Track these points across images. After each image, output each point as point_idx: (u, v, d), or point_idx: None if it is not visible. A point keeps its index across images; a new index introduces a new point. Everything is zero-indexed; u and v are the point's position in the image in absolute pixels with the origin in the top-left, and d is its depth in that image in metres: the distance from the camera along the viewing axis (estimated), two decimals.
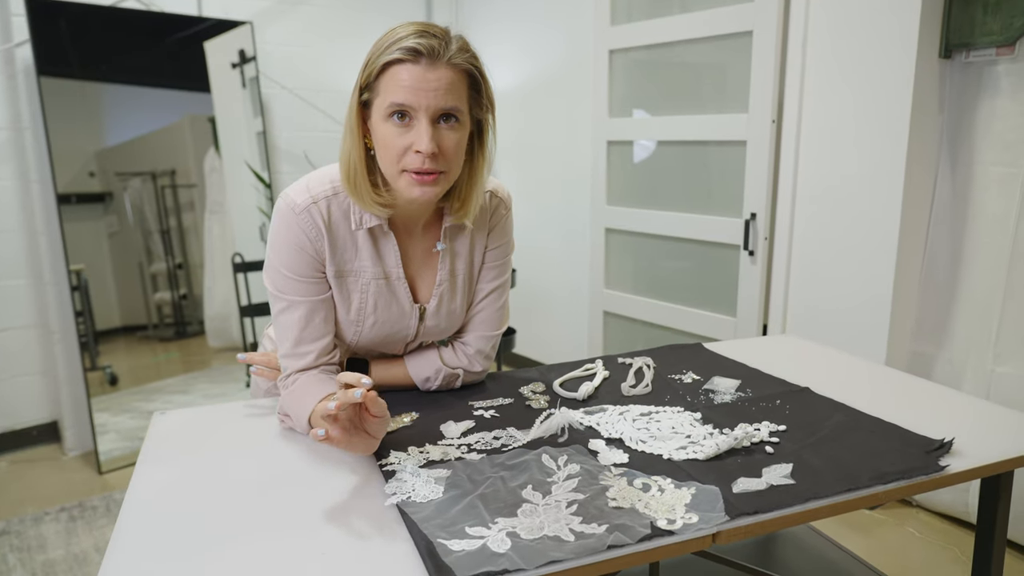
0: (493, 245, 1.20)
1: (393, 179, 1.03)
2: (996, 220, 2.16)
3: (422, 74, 0.97)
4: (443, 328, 1.19)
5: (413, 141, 0.98)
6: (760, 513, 0.81)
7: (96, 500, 2.52)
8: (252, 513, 0.85)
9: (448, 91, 0.98)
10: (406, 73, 0.97)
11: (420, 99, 0.97)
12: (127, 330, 3.05)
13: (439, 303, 1.16)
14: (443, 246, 1.14)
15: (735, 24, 2.52)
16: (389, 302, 1.13)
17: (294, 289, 1.07)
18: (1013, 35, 2.04)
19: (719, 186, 2.69)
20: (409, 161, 0.99)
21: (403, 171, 1.00)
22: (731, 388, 1.21)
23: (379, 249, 1.10)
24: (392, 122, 0.99)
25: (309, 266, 1.07)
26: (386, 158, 1.01)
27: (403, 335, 1.17)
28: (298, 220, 1.05)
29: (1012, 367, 2.13)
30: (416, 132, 0.98)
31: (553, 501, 0.84)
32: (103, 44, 2.84)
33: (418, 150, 0.97)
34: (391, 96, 0.98)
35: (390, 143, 0.99)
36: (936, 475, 0.91)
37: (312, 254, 1.06)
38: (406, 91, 0.97)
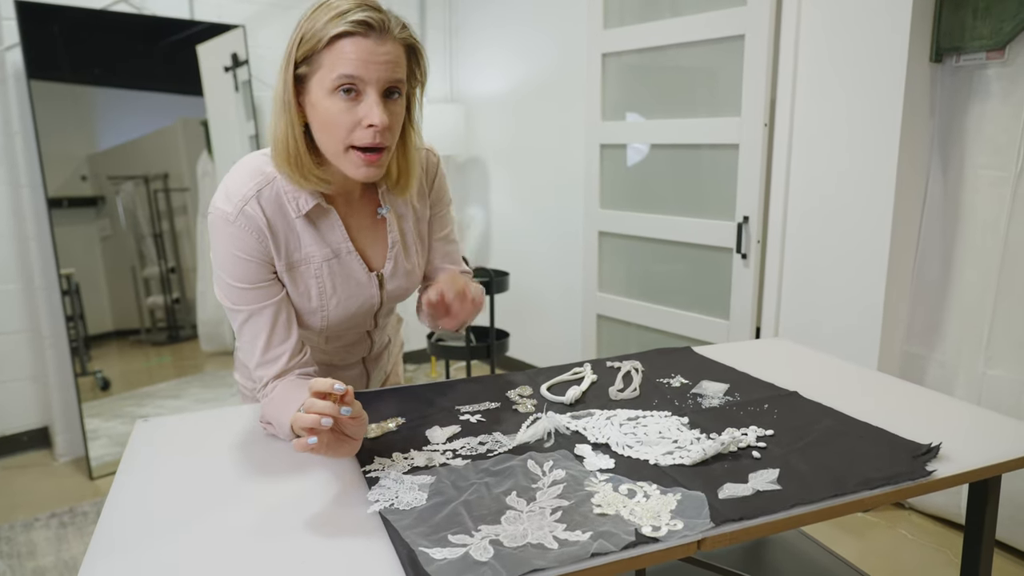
0: (437, 206, 1.21)
1: (336, 157, 1.00)
2: (987, 223, 2.16)
3: (372, 47, 0.95)
4: (404, 287, 1.19)
5: (363, 116, 0.96)
6: (746, 519, 0.81)
7: (87, 506, 2.51)
8: (234, 521, 0.84)
9: (396, 64, 0.97)
10: (355, 46, 0.94)
11: (371, 72, 0.95)
12: (119, 334, 3.03)
13: (395, 265, 1.15)
14: (386, 209, 1.14)
15: (727, 28, 2.52)
16: (346, 279, 1.11)
17: (250, 298, 1.05)
18: (1003, 40, 2.04)
19: (712, 189, 2.69)
20: (358, 137, 0.97)
21: (349, 148, 0.98)
22: (719, 392, 1.21)
23: (321, 231, 1.08)
24: (338, 96, 0.96)
25: (258, 272, 1.04)
26: (331, 135, 0.98)
27: (368, 306, 1.16)
28: (234, 229, 1.02)
29: (1004, 370, 2.13)
30: (366, 106, 0.96)
31: (537, 508, 0.83)
32: (95, 48, 2.83)
33: (371, 123, 0.96)
34: (340, 68, 0.95)
35: (336, 119, 0.97)
36: (923, 480, 0.90)
37: (258, 258, 1.04)
38: (356, 64, 0.94)
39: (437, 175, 1.21)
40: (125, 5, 2.89)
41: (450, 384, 1.29)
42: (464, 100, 3.79)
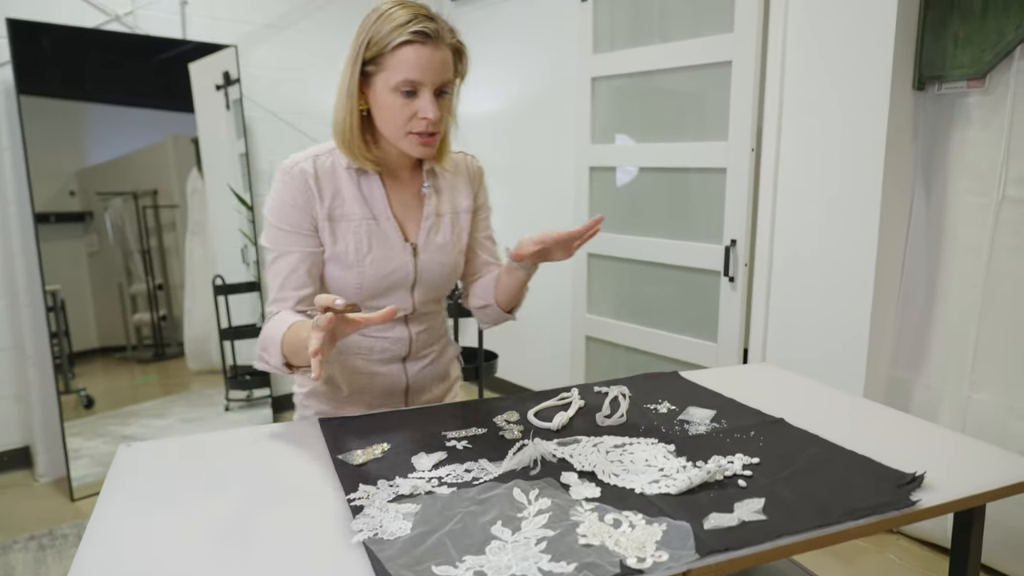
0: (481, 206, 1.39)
1: (397, 140, 1.19)
2: (970, 248, 2.19)
3: (430, 54, 1.13)
4: (439, 262, 1.30)
5: (418, 110, 1.15)
6: (731, 550, 0.80)
7: (67, 528, 2.47)
8: (216, 549, 0.83)
9: (446, 68, 1.16)
10: (416, 53, 1.12)
11: (427, 76, 1.13)
12: (104, 351, 3.00)
13: (427, 237, 1.28)
14: (428, 186, 1.29)
15: (714, 54, 2.55)
16: (382, 241, 1.24)
17: (284, 240, 1.20)
18: (983, 68, 2.08)
19: (700, 213, 2.71)
20: (414, 125, 1.16)
21: (408, 133, 1.17)
22: (706, 419, 1.21)
23: (364, 193, 1.24)
24: (399, 94, 1.14)
25: (297, 218, 1.20)
26: (392, 123, 1.17)
27: (403, 274, 1.26)
28: (288, 177, 1.20)
29: (988, 394, 2.15)
30: (421, 103, 1.14)
31: (522, 538, 0.83)
32: (86, 64, 2.83)
33: (425, 117, 1.14)
34: (403, 74, 1.12)
35: (398, 112, 1.15)
36: (907, 510, 0.90)
37: (301, 206, 1.20)
38: (417, 69, 1.12)
39: (482, 180, 1.40)
40: (118, 24, 2.90)
41: (437, 409, 1.29)
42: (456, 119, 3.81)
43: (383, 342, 1.31)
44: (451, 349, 1.45)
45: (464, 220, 1.34)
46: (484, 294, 1.38)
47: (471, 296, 1.42)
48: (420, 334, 1.34)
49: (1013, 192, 2.08)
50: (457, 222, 1.33)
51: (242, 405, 3.34)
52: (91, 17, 2.83)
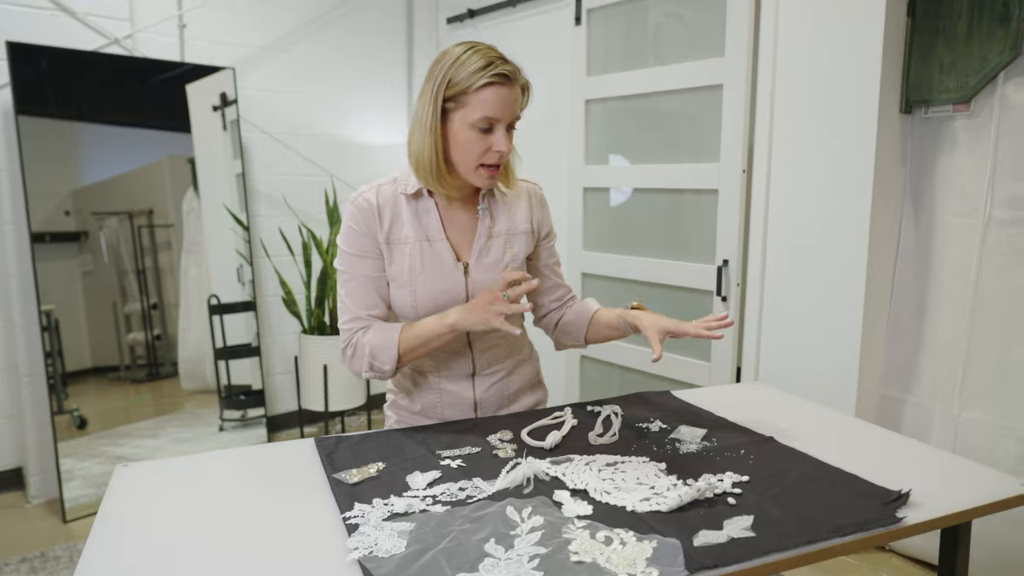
0: (548, 237, 1.48)
1: (468, 172, 1.28)
2: (958, 269, 2.22)
3: (507, 94, 1.24)
4: (488, 281, 1.35)
5: (492, 144, 1.25)
6: (719, 567, 0.82)
7: (59, 550, 2.45)
8: (213, 568, 0.84)
9: (517, 105, 1.27)
10: (496, 94, 1.22)
11: (504, 113, 1.24)
12: (98, 371, 3.00)
13: (479, 256, 1.35)
14: (483, 207, 1.37)
15: (706, 78, 2.60)
16: (435, 260, 1.33)
17: (354, 264, 1.32)
18: (968, 93, 2.13)
19: (692, 233, 2.75)
20: (488, 158, 1.26)
21: (480, 166, 1.26)
22: (697, 437, 1.22)
23: (420, 218, 1.33)
24: (476, 130, 1.24)
25: (362, 242, 1.31)
26: (466, 156, 1.26)
27: (456, 291, 1.33)
28: (354, 207, 1.32)
29: (978, 412, 2.17)
30: (496, 137, 1.25)
31: (515, 555, 0.84)
32: (82, 84, 2.85)
33: (499, 150, 1.25)
34: (484, 111, 1.22)
35: (473, 146, 1.25)
36: (893, 527, 0.92)
37: (365, 231, 1.31)
38: (496, 108, 1.23)
39: (546, 207, 1.48)
40: (117, 47, 2.93)
41: (432, 428, 1.30)
42: None
43: (448, 359, 1.38)
44: (526, 367, 1.50)
45: (522, 241, 1.41)
46: (576, 332, 1.49)
47: (558, 325, 1.52)
48: (484, 352, 1.39)
49: (999, 214, 2.12)
50: (513, 243, 1.39)
51: (236, 425, 3.33)
52: (91, 40, 2.87)
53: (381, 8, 3.71)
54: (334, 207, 3.41)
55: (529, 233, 1.42)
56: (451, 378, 1.38)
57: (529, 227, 1.42)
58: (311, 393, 3.37)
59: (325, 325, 3.37)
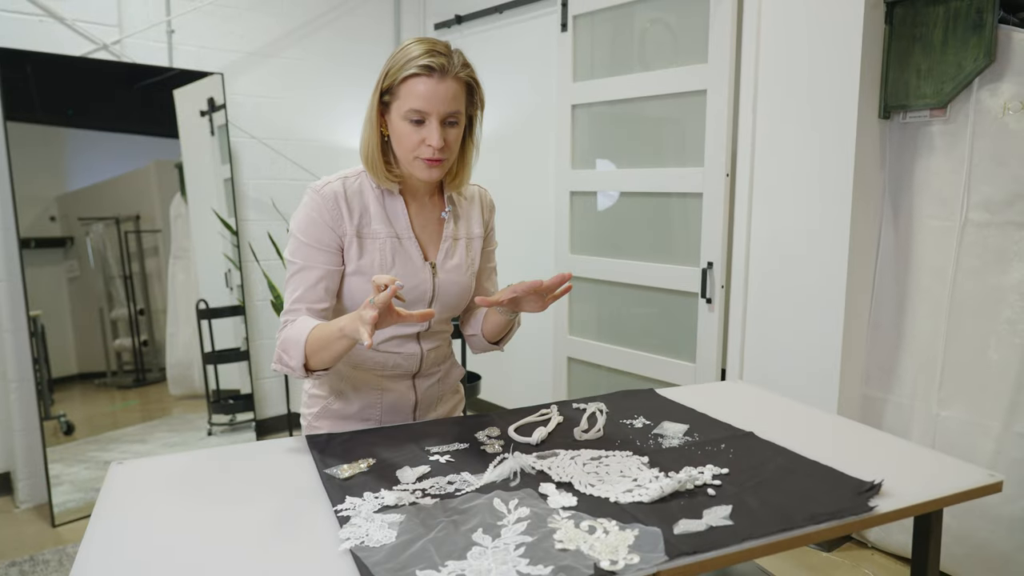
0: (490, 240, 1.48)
1: (407, 164, 1.28)
2: (935, 271, 2.27)
3: (434, 86, 1.22)
4: (455, 281, 1.37)
5: (425, 137, 1.24)
6: (699, 553, 0.85)
7: (48, 554, 2.45)
8: (208, 562, 0.86)
9: (453, 99, 1.24)
10: (422, 86, 1.22)
11: (432, 106, 1.22)
12: (84, 377, 2.99)
13: (445, 256, 1.37)
14: (448, 211, 1.39)
15: (690, 83, 2.65)
16: (404, 258, 1.33)
17: (307, 255, 1.28)
18: (944, 99, 2.19)
19: (678, 236, 2.79)
20: (422, 151, 1.25)
21: (416, 158, 1.26)
22: (679, 433, 1.26)
23: (389, 213, 1.33)
24: (408, 122, 1.24)
25: (322, 234, 1.27)
26: (402, 148, 1.27)
27: (423, 289, 1.34)
28: (317, 196, 1.28)
29: (955, 411, 2.22)
30: (428, 130, 1.23)
31: (502, 544, 0.87)
32: (68, 89, 2.85)
33: (430, 144, 1.23)
34: (409, 103, 1.22)
35: (406, 139, 1.25)
36: (865, 515, 0.96)
37: (328, 223, 1.27)
38: (421, 100, 1.22)
39: (493, 212, 1.50)
40: (105, 52, 2.94)
41: (421, 425, 1.33)
42: None
43: (396, 358, 1.36)
44: (456, 369, 1.51)
45: (476, 246, 1.43)
46: (475, 324, 1.45)
47: (465, 323, 1.50)
48: (431, 351, 1.40)
49: (975, 216, 2.17)
50: (471, 247, 1.42)
51: (225, 429, 3.34)
52: (79, 46, 2.88)
53: (369, 14, 3.74)
54: None
55: (481, 238, 1.44)
56: (395, 377, 1.38)
57: (482, 232, 1.45)
58: (300, 397, 3.37)
59: None
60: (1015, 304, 2.09)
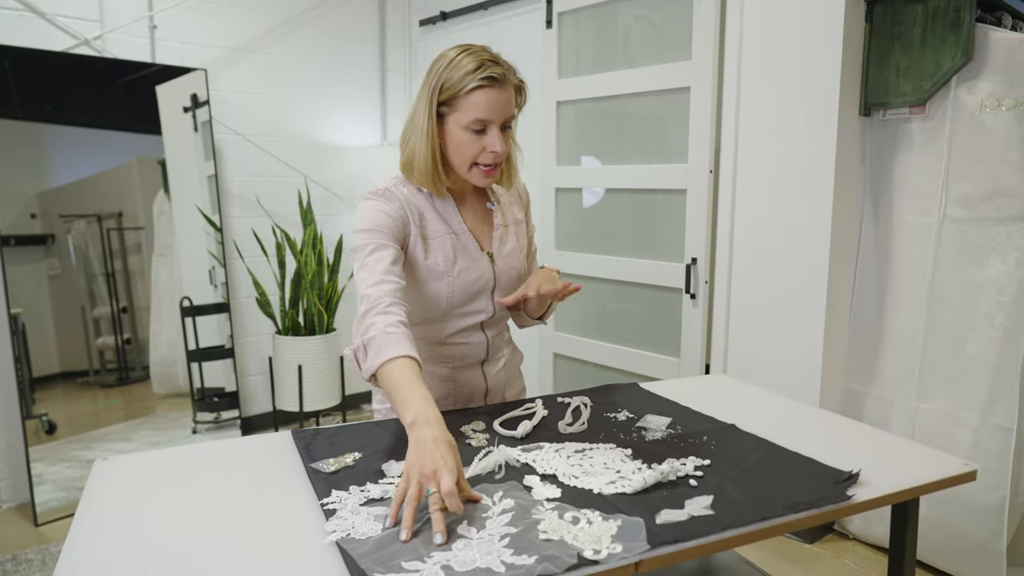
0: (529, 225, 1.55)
1: (464, 171, 1.32)
2: (915, 266, 2.30)
3: (497, 96, 1.27)
4: (512, 267, 1.43)
5: (486, 145, 1.28)
6: (680, 542, 0.86)
7: (31, 553, 2.43)
8: (195, 558, 0.87)
9: (510, 105, 1.30)
10: (486, 97, 1.26)
11: (496, 115, 1.27)
12: (66, 376, 2.96)
13: (500, 245, 1.43)
14: (494, 202, 1.45)
15: (674, 80, 2.66)
16: (464, 252, 1.38)
17: (378, 239, 1.28)
18: (923, 96, 2.22)
19: (662, 232, 2.81)
20: (484, 158, 1.30)
21: (475, 165, 1.31)
22: (662, 425, 1.27)
23: (442, 213, 1.38)
24: (470, 131, 1.28)
25: (392, 227, 1.30)
26: (461, 157, 1.31)
27: (486, 279, 1.39)
28: (383, 197, 1.32)
29: (934, 403, 2.26)
30: (489, 138, 1.28)
31: (487, 535, 0.88)
32: (47, 85, 2.81)
33: (494, 151, 1.28)
34: (475, 114, 1.26)
35: (467, 147, 1.29)
36: (843, 504, 0.98)
37: (396, 218, 1.31)
38: (487, 110, 1.26)
39: (528, 198, 1.58)
40: (86, 48, 2.92)
41: None
42: None
43: (464, 348, 1.42)
44: (517, 353, 1.59)
45: (521, 230, 1.51)
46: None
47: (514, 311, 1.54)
48: (495, 338, 1.46)
49: (953, 212, 2.20)
50: (519, 231, 1.49)
51: (210, 427, 3.32)
52: (60, 41, 2.85)
53: (353, 11, 3.73)
54: (308, 208, 3.42)
55: (523, 222, 1.52)
56: (464, 367, 1.43)
57: (523, 216, 1.52)
58: (286, 394, 3.37)
59: (299, 326, 3.38)
60: (992, 298, 2.13)
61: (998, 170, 2.10)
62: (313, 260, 3.33)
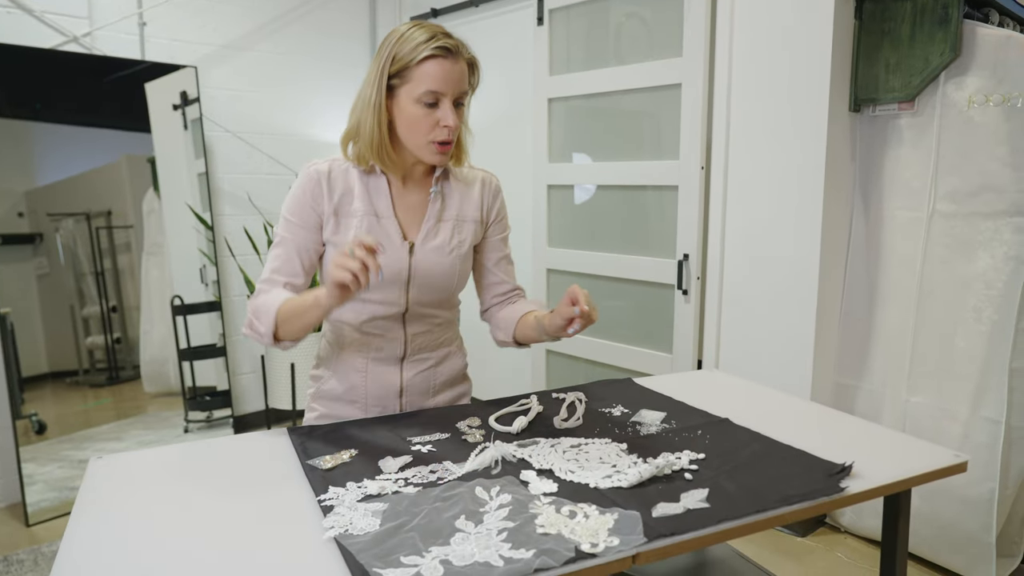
0: (495, 223, 1.47)
1: (418, 148, 1.28)
2: (904, 261, 2.32)
3: (450, 67, 1.24)
4: (433, 262, 1.35)
5: (439, 119, 1.25)
6: (676, 535, 0.87)
7: (23, 554, 2.42)
8: (193, 555, 0.87)
9: (463, 79, 1.27)
10: (439, 67, 1.23)
11: (449, 87, 1.24)
12: (55, 376, 2.94)
13: (425, 237, 1.35)
14: (435, 190, 1.37)
15: (665, 77, 2.67)
16: (380, 236, 1.32)
17: (287, 229, 1.31)
18: (912, 92, 2.24)
19: (654, 228, 2.82)
20: (437, 134, 1.26)
21: (430, 142, 1.26)
22: (656, 420, 1.28)
23: (371, 192, 1.33)
24: (422, 105, 1.24)
25: (305, 213, 1.31)
26: (414, 132, 1.27)
27: (397, 268, 1.33)
28: (304, 176, 1.32)
29: (924, 397, 2.28)
30: (442, 111, 1.25)
31: (485, 529, 0.88)
32: (35, 82, 2.79)
33: (446, 125, 1.25)
34: (427, 85, 1.23)
35: (421, 121, 1.25)
36: (836, 496, 0.99)
37: (309, 201, 1.30)
38: (439, 82, 1.23)
39: (499, 197, 1.47)
40: (75, 45, 2.89)
41: (402, 416, 1.34)
42: None
43: (378, 340, 1.37)
44: (454, 360, 1.49)
45: (470, 229, 1.41)
46: (505, 327, 1.47)
47: (493, 323, 1.53)
48: (417, 336, 1.39)
49: (942, 207, 2.22)
50: (461, 229, 1.39)
51: (202, 426, 3.31)
52: (48, 38, 2.83)
53: (343, 8, 3.71)
54: None
55: (479, 222, 1.42)
56: (380, 360, 1.38)
57: (479, 215, 1.42)
58: (278, 392, 3.36)
59: None
60: (980, 292, 2.15)
61: (986, 165, 2.12)
62: None
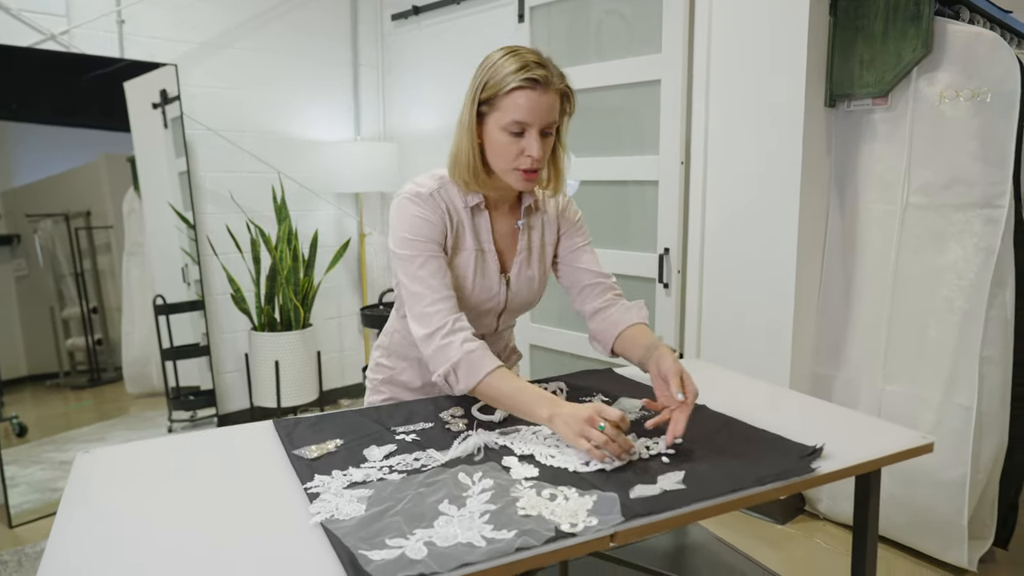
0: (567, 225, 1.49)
1: (504, 173, 1.30)
2: (879, 253, 2.37)
3: (537, 98, 1.24)
4: (524, 294, 1.43)
5: (524, 148, 1.26)
6: (653, 514, 0.90)
7: (6, 555, 2.41)
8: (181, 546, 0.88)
9: (552, 110, 1.26)
10: (526, 98, 1.23)
11: (535, 118, 1.24)
12: (34, 379, 2.91)
13: (519, 270, 1.41)
14: (523, 222, 1.42)
15: (645, 73, 2.70)
16: (485, 271, 1.38)
17: (425, 248, 1.29)
18: (885, 88, 2.28)
19: (635, 223, 2.85)
20: (521, 162, 1.27)
21: (515, 169, 1.28)
22: (636, 407, 1.31)
23: (477, 228, 1.37)
24: (508, 134, 1.25)
25: (433, 233, 1.30)
26: (501, 158, 1.28)
27: (496, 302, 1.40)
28: (423, 202, 1.31)
29: (899, 385, 2.33)
30: (528, 141, 1.25)
31: (467, 512, 0.91)
32: (15, 82, 2.76)
33: (530, 155, 1.25)
34: (513, 115, 1.24)
35: (506, 149, 1.27)
36: (808, 476, 1.02)
37: (438, 225, 1.31)
38: (525, 112, 1.24)
39: (568, 209, 1.51)
40: (53, 43, 2.87)
41: (387, 408, 1.36)
42: (396, 137, 3.88)
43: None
44: (514, 355, 1.62)
45: (549, 252, 1.47)
46: (603, 338, 1.49)
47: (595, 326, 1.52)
48: (493, 344, 1.48)
49: (915, 199, 2.27)
50: (544, 256, 1.46)
51: (186, 426, 3.30)
52: (25, 36, 2.81)
53: (323, 7, 3.71)
54: (282, 203, 3.41)
55: (553, 244, 1.48)
56: None
57: (555, 238, 1.48)
58: (263, 390, 3.36)
59: (275, 321, 3.37)
60: (951, 283, 2.20)
61: (957, 159, 2.17)
62: (288, 256, 3.32)
